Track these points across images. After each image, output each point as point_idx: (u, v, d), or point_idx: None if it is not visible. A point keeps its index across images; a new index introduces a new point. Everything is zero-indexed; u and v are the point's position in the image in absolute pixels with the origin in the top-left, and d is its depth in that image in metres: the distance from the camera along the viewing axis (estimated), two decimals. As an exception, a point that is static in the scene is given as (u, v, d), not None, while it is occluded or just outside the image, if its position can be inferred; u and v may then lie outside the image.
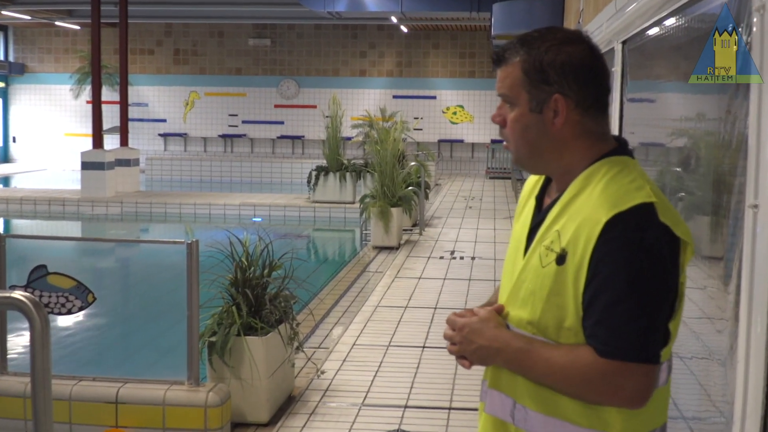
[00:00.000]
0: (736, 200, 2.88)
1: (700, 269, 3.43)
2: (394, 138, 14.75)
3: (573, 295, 2.13)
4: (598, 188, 2.17)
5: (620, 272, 2.05)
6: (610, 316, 2.06)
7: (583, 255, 2.10)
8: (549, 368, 2.14)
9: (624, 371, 2.06)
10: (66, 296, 5.58)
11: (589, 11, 9.15)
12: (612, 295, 2.06)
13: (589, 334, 2.11)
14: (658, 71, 4.81)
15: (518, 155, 2.30)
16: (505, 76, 2.27)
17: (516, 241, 2.38)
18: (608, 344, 2.07)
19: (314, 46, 31.10)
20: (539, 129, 2.24)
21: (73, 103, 31.63)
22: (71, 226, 19.16)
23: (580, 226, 2.13)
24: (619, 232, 2.06)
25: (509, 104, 2.27)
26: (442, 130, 30.68)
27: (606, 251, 2.07)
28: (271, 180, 25.87)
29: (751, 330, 2.66)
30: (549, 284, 2.17)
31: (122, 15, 21.33)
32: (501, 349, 2.22)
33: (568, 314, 2.15)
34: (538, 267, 2.21)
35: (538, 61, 2.21)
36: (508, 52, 2.27)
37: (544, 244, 2.21)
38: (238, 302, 5.96)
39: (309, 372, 6.91)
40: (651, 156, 5.02)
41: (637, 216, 2.08)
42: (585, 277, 2.10)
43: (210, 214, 18.74)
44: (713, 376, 3.18)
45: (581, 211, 2.16)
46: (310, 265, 12.95)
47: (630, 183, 2.16)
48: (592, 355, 2.09)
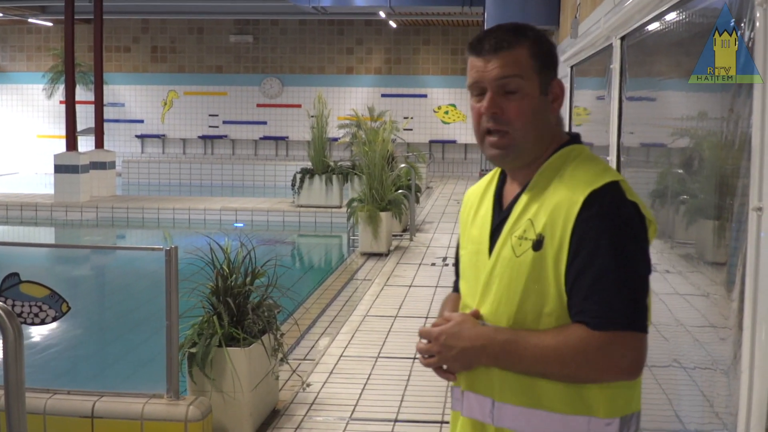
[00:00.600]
0: (740, 203, 2.89)
1: (702, 275, 3.52)
2: (383, 138, 14.76)
3: (554, 278, 2.21)
4: (567, 172, 2.29)
5: (604, 246, 2.15)
6: (599, 289, 2.14)
7: (563, 235, 2.20)
8: (540, 353, 2.18)
9: (620, 341, 2.13)
10: (39, 306, 5.56)
11: (587, 6, 9.09)
12: (599, 269, 2.15)
13: (578, 311, 2.18)
14: (659, 68, 4.83)
15: (523, 141, 2.32)
16: (511, 61, 2.31)
17: (474, 245, 2.45)
18: (601, 316, 2.13)
19: (298, 42, 31.15)
20: (545, 112, 2.36)
21: (46, 103, 31.71)
22: (44, 233, 19.17)
23: (555, 209, 2.23)
24: (598, 208, 2.18)
25: (511, 89, 2.31)
26: (434, 130, 30.80)
27: (587, 228, 2.17)
28: (254, 183, 25.84)
29: (755, 338, 2.66)
30: (526, 272, 2.24)
31: (97, 11, 21.20)
32: (485, 346, 2.25)
33: (548, 299, 2.22)
34: (511, 258, 2.28)
35: (541, 45, 2.35)
36: (510, 38, 2.33)
37: (516, 236, 2.29)
38: (219, 312, 5.97)
39: (294, 385, 6.93)
40: (651, 157, 5.10)
41: (610, 192, 2.21)
42: (566, 257, 2.19)
43: (189, 219, 18.73)
44: (716, 386, 3.19)
45: (553, 196, 2.26)
46: (295, 272, 13.33)
47: (596, 165, 2.31)
48: (585, 331, 2.15)
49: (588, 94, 7.79)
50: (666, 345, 4.07)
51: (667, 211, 4.32)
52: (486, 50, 2.34)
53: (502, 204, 2.44)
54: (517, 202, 2.35)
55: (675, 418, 3.91)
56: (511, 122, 2.32)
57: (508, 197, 2.42)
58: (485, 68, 2.33)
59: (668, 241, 4.22)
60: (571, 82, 9.32)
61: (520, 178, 2.40)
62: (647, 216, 2.25)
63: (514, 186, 2.42)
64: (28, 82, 32.00)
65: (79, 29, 26.46)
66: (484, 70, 2.34)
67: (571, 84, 9.31)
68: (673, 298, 4.08)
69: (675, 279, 4.04)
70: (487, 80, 2.33)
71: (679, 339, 3.87)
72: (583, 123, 8.11)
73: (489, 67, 2.33)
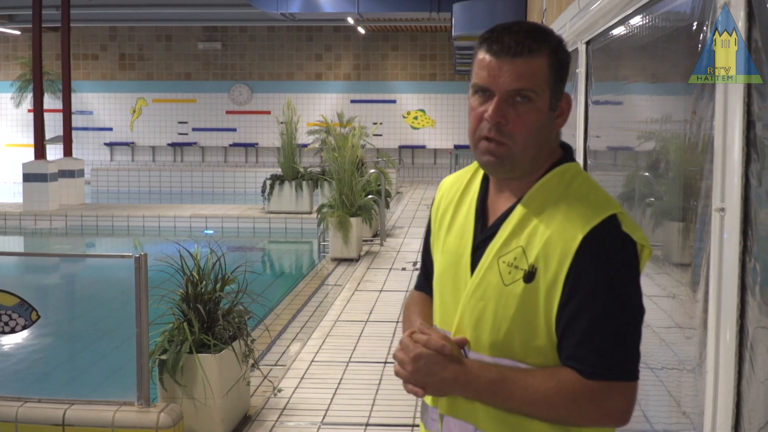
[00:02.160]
0: (703, 204, 2.89)
1: (669, 276, 3.49)
2: (352, 144, 14.71)
3: (544, 313, 2.12)
4: (563, 200, 2.17)
5: (601, 291, 2.07)
6: (593, 336, 2.07)
7: (558, 272, 2.10)
8: (528, 397, 2.11)
9: (612, 391, 2.08)
10: (9, 314, 5.58)
11: (553, 10, 9.06)
12: (594, 315, 2.06)
13: (570, 356, 2.11)
14: (624, 72, 4.79)
15: (521, 156, 2.18)
16: (531, 69, 2.14)
17: (454, 255, 2.32)
18: (595, 365, 2.07)
19: (267, 49, 31.14)
20: (549, 129, 2.22)
21: (14, 111, 31.55)
22: (13, 241, 18.95)
23: (550, 242, 2.12)
24: (596, 249, 2.08)
25: (521, 100, 2.14)
26: (403, 136, 30.90)
27: (584, 269, 2.08)
28: (224, 190, 25.74)
29: (719, 338, 2.65)
30: (515, 303, 2.14)
31: (64, 19, 21.12)
32: (469, 382, 2.15)
33: (537, 333, 2.14)
34: (499, 285, 2.17)
35: (559, 56, 2.19)
36: (531, 42, 2.14)
37: (505, 261, 2.17)
38: (189, 318, 5.95)
39: (266, 390, 6.92)
40: (617, 160, 5.08)
41: (608, 230, 2.11)
42: (560, 295, 2.10)
43: (159, 226, 18.64)
44: (683, 386, 3.17)
45: (548, 224, 2.14)
46: (266, 278, 13.38)
47: (593, 193, 2.20)
48: (577, 378, 2.08)
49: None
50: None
51: (634, 213, 4.35)
52: (504, 52, 2.13)
53: (486, 216, 2.31)
54: (506, 222, 2.21)
55: (643, 418, 3.91)
56: (513, 135, 2.15)
57: (494, 210, 2.29)
58: (499, 72, 2.13)
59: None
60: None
61: (509, 191, 2.26)
62: (640, 242, 2.14)
63: (500, 198, 2.28)
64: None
65: (47, 37, 26.36)
66: (497, 75, 2.14)
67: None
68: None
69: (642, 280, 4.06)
70: (497, 85, 2.14)
71: (646, 340, 3.90)
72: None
73: (503, 72, 2.13)
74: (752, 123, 2.49)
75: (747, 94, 2.50)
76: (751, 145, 2.49)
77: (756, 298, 2.42)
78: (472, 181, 2.39)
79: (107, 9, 26.05)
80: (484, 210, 2.32)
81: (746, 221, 2.51)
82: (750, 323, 2.47)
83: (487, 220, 2.29)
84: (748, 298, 2.49)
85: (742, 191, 2.52)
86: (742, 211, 2.52)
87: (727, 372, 2.60)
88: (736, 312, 2.55)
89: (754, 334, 2.44)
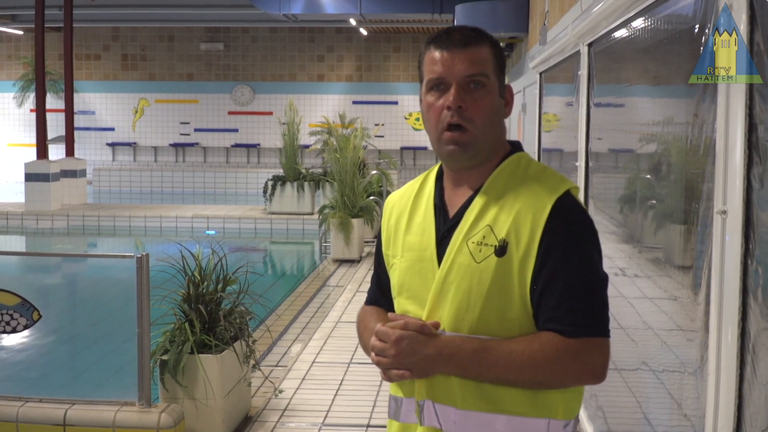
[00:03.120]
0: (705, 207, 2.91)
1: (670, 278, 3.52)
2: (354, 145, 14.71)
3: (519, 283, 2.22)
4: (525, 180, 2.31)
5: (572, 254, 2.20)
6: (570, 297, 2.18)
7: (530, 242, 2.21)
8: (513, 361, 2.17)
9: (592, 347, 2.18)
10: (10, 314, 5.59)
11: (555, 13, 9.08)
12: (569, 278, 2.18)
13: (549, 318, 2.20)
14: (626, 74, 4.84)
15: (482, 139, 2.31)
16: (480, 56, 2.31)
17: (418, 251, 2.39)
18: (574, 324, 2.17)
19: (269, 50, 31.04)
20: (501, 114, 2.38)
21: (17, 111, 31.42)
22: (15, 241, 18.92)
23: (519, 215, 2.24)
24: (564, 216, 2.22)
25: (476, 86, 2.30)
26: (405, 137, 30.82)
27: (555, 236, 2.20)
28: (225, 191, 25.72)
29: (721, 340, 2.66)
30: (489, 278, 2.23)
31: (67, 19, 21.07)
32: (453, 354, 2.21)
33: (512, 305, 2.22)
34: (470, 264, 2.25)
35: (499, 48, 2.37)
36: (475, 35, 2.33)
37: (473, 241, 2.27)
38: (190, 319, 5.95)
39: (266, 391, 6.93)
40: (619, 162, 5.10)
41: (572, 200, 2.27)
42: (534, 263, 2.20)
43: (161, 227, 18.65)
44: (685, 388, 3.20)
45: (514, 202, 2.26)
46: (267, 279, 13.37)
47: (551, 172, 2.36)
48: (558, 338, 2.17)
49: (557, 100, 7.79)
50: (635, 348, 4.10)
51: (636, 215, 4.35)
52: (454, 44, 2.30)
53: (446, 211, 2.40)
54: (469, 208, 2.32)
55: (644, 420, 3.92)
56: (473, 120, 2.29)
57: (454, 203, 2.39)
58: (452, 63, 2.29)
59: (637, 246, 4.26)
60: (540, 89, 9.37)
61: (469, 182, 2.38)
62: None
63: (458, 191, 2.40)
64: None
65: (50, 37, 26.28)
66: (451, 65, 2.29)
67: (540, 90, 9.36)
68: (642, 301, 4.10)
69: (643, 283, 4.07)
70: (453, 74, 2.29)
71: (647, 342, 3.90)
72: (553, 129, 8.14)
73: (456, 62, 2.29)
74: (754, 126, 2.49)
75: (749, 97, 2.51)
76: (753, 147, 2.50)
77: (758, 301, 2.43)
78: (424, 186, 2.51)
79: (110, 9, 26.00)
80: (442, 206, 2.42)
81: (748, 224, 2.52)
82: (752, 326, 2.48)
83: (447, 214, 2.40)
84: (749, 301, 2.50)
85: (744, 194, 2.54)
86: (743, 213, 2.54)
87: (728, 375, 2.61)
88: (738, 315, 2.56)
89: (756, 337, 2.45)
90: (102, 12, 26.22)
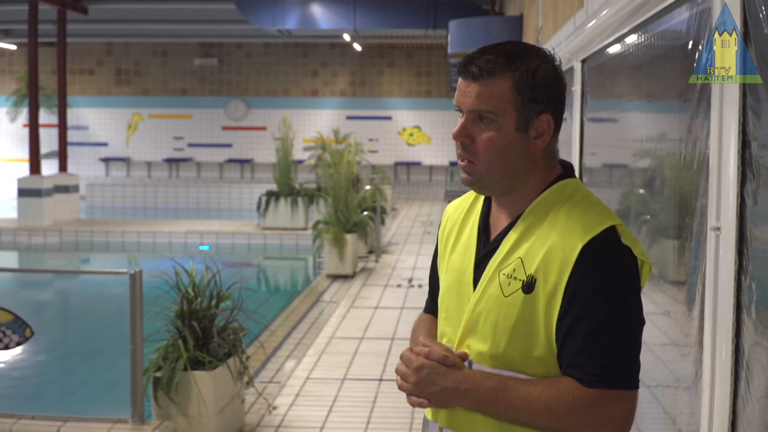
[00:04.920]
0: (699, 222, 2.93)
1: (664, 294, 3.53)
2: (348, 161, 14.71)
3: (545, 323, 2.15)
4: (563, 212, 2.21)
5: (600, 300, 2.09)
6: (593, 344, 2.09)
7: (558, 282, 2.13)
8: (529, 405, 2.12)
9: (613, 399, 2.09)
10: (3, 331, 5.63)
11: (548, 29, 9.20)
12: (594, 324, 2.09)
13: (571, 365, 2.13)
14: (618, 90, 4.86)
15: (489, 175, 2.25)
16: (490, 91, 2.21)
17: (458, 272, 2.36)
18: (595, 374, 2.09)
19: (263, 65, 31.10)
20: (520, 149, 2.24)
21: (10, 126, 31.37)
22: (7, 257, 18.96)
23: (551, 252, 2.15)
24: (596, 258, 2.11)
25: (485, 121, 2.22)
26: (399, 152, 30.82)
27: (584, 278, 2.10)
28: (219, 206, 25.73)
29: (715, 356, 2.67)
30: (515, 314, 2.17)
31: (60, 34, 21.13)
32: (471, 390, 2.17)
33: (537, 344, 2.16)
34: (499, 297, 2.21)
35: (530, 77, 2.21)
36: (494, 66, 2.20)
37: (504, 273, 2.21)
38: (184, 335, 5.95)
39: (260, 408, 6.90)
40: (613, 177, 5.12)
41: (609, 240, 2.14)
42: (560, 305, 2.13)
43: (155, 242, 18.64)
44: (679, 404, 3.20)
45: (548, 236, 2.18)
46: (261, 295, 13.32)
47: (594, 206, 2.23)
48: (577, 386, 2.10)
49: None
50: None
51: (630, 231, 4.37)
52: (468, 74, 2.24)
53: (488, 233, 2.36)
54: (506, 237, 2.26)
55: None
56: (477, 155, 2.23)
57: (496, 227, 2.34)
58: (464, 93, 2.24)
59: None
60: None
61: (507, 208, 2.31)
62: (640, 257, 2.18)
63: (501, 215, 2.34)
64: (-9, 106, 31.80)
65: (43, 52, 26.27)
66: (463, 95, 2.24)
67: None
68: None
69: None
70: (463, 105, 2.24)
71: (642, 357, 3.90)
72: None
73: (467, 93, 2.23)
74: (747, 142, 2.50)
75: (742, 114, 2.52)
76: (747, 164, 2.50)
77: (752, 317, 2.43)
78: (475, 202, 2.45)
79: (103, 24, 25.99)
80: (486, 227, 2.37)
81: (741, 240, 2.53)
82: (746, 341, 2.48)
83: (489, 237, 2.35)
84: (743, 317, 2.50)
85: (738, 210, 2.54)
86: (737, 230, 2.55)
87: (722, 390, 2.61)
88: (732, 330, 2.56)
89: (749, 353, 2.45)
90: (96, 27, 26.20)
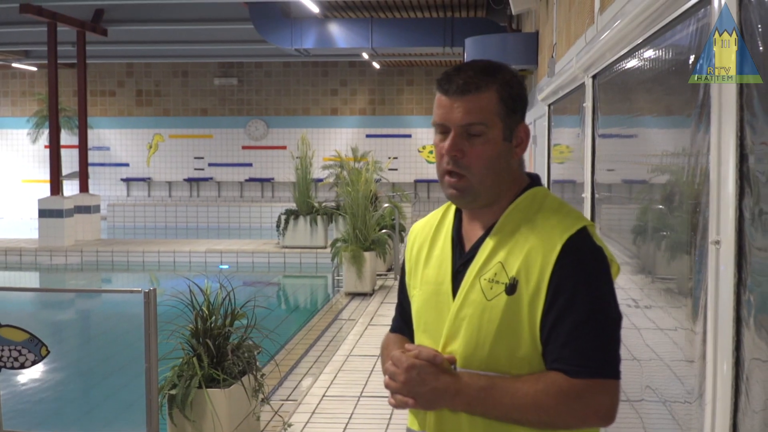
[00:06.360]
0: (701, 237, 2.93)
1: (678, 310, 3.49)
2: (366, 179, 14.70)
3: (528, 322, 2.21)
4: (540, 217, 2.30)
5: (581, 294, 2.17)
6: (577, 337, 2.16)
7: (540, 280, 2.20)
8: (518, 401, 2.17)
9: (598, 389, 2.15)
10: (19, 350, 5.65)
11: (562, 45, 9.20)
12: (577, 317, 2.16)
13: (556, 358, 2.19)
14: (627, 106, 4.86)
15: (479, 187, 2.31)
16: (479, 105, 2.29)
17: (434, 284, 2.41)
18: (580, 364, 2.15)
19: (283, 84, 31.18)
20: (506, 158, 2.34)
21: (31, 147, 31.60)
22: (28, 277, 19.01)
23: (531, 253, 2.23)
24: (575, 255, 2.20)
25: (474, 134, 2.29)
26: (419, 170, 30.82)
27: (565, 274, 2.19)
28: (239, 225, 25.79)
29: (717, 370, 2.69)
30: (499, 316, 2.23)
31: (80, 55, 21.26)
32: (460, 390, 2.21)
33: (521, 343, 2.22)
34: (481, 301, 2.26)
35: (509, 89, 2.32)
36: (479, 81, 2.29)
37: (485, 278, 2.27)
38: (198, 353, 5.98)
39: (276, 425, 6.89)
40: (623, 192, 5.14)
41: (584, 239, 2.24)
42: (543, 303, 2.20)
43: (175, 261, 18.69)
44: (685, 418, 3.20)
45: (527, 239, 2.26)
46: (280, 313, 13.42)
47: (566, 209, 2.34)
48: (564, 378, 2.16)
49: (566, 131, 7.81)
50: (639, 376, 4.09)
51: (639, 245, 4.35)
52: (453, 91, 2.29)
53: (462, 244, 2.41)
54: (483, 245, 2.32)
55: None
56: (470, 167, 2.29)
57: (470, 237, 2.39)
58: (451, 109, 2.28)
59: (639, 275, 4.25)
60: (549, 121, 9.38)
61: (482, 219, 2.37)
62: (609, 256, 2.27)
63: (475, 226, 2.39)
64: (12, 127, 31.88)
65: (64, 73, 26.48)
66: (449, 112, 2.28)
67: (549, 122, 9.37)
68: (644, 331, 4.10)
69: (653, 312, 4.06)
70: (451, 121, 2.28)
71: (650, 370, 3.89)
72: (565, 161, 8.15)
73: (454, 109, 2.28)
74: (745, 156, 2.51)
75: (740, 128, 2.53)
76: (745, 178, 2.51)
77: (750, 330, 2.44)
78: (445, 217, 2.52)
79: (124, 45, 26.16)
80: (459, 239, 2.43)
81: (740, 254, 2.54)
82: (745, 355, 2.48)
83: (463, 248, 2.40)
84: (743, 330, 2.50)
85: (736, 224, 2.56)
86: (736, 243, 2.56)
87: (723, 403, 2.63)
88: (732, 344, 2.57)
89: (749, 366, 2.45)
90: (116, 48, 26.37)
